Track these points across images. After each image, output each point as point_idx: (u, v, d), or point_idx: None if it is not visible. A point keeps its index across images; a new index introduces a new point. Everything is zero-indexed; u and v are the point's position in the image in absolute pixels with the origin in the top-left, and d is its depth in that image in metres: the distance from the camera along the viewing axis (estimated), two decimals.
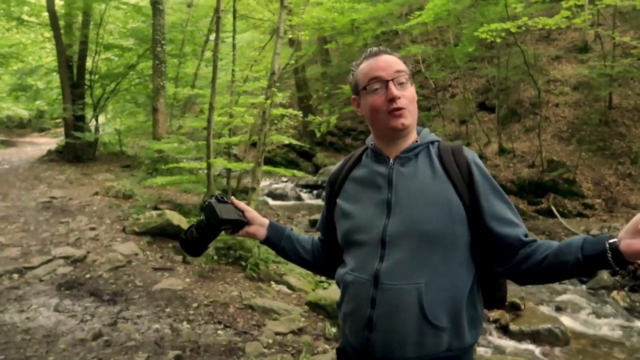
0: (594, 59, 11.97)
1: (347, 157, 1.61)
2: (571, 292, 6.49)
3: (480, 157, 11.93)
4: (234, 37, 9.47)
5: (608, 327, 5.55)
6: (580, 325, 5.63)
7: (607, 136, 10.77)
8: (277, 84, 7.05)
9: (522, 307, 5.59)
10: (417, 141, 1.46)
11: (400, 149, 1.44)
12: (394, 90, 1.38)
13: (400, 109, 1.38)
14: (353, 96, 1.54)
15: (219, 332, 4.03)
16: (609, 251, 1.15)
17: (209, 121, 6.98)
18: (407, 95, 1.41)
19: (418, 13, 10.73)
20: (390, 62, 1.42)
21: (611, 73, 10.77)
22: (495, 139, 12.07)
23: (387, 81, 1.40)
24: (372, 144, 1.51)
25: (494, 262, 1.39)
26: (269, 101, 6.30)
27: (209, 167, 7.01)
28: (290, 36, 9.28)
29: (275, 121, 7.53)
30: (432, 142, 1.47)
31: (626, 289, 6.32)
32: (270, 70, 6.47)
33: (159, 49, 11.17)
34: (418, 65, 14.48)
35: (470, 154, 1.44)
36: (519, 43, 11.19)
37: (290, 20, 8.08)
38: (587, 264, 1.19)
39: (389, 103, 1.39)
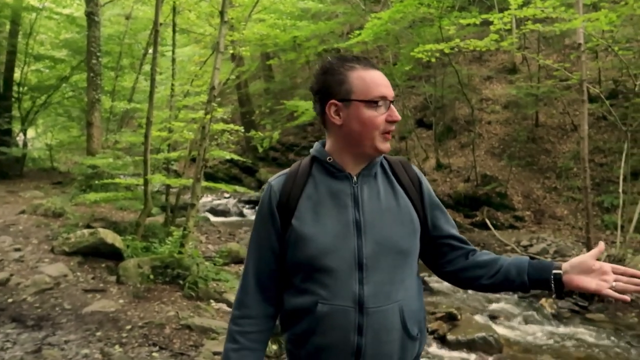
0: (522, 80, 12.74)
1: (291, 173, 1.43)
2: (504, 301, 6.77)
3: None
4: (173, 51, 9.31)
5: (537, 334, 5.82)
6: (513, 332, 5.87)
7: (534, 152, 11.43)
8: (219, 99, 6.99)
9: (459, 317, 5.76)
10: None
11: (362, 167, 1.40)
12: (397, 113, 1.37)
13: (390, 132, 1.38)
14: (332, 101, 1.36)
15: (154, 354, 3.88)
16: (552, 281, 1.32)
17: (146, 136, 6.79)
18: None
19: (358, 32, 11.01)
20: (388, 82, 1.38)
21: (537, 93, 11.49)
22: (433, 154, 12.50)
23: (390, 102, 1.36)
24: (330, 159, 1.39)
25: (442, 262, 1.50)
26: (208, 116, 6.21)
27: (146, 183, 6.79)
28: (231, 51, 9.25)
29: (216, 136, 7.43)
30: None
31: (553, 296, 6.66)
32: (210, 85, 6.40)
33: (94, 61, 10.77)
34: None
35: (416, 168, 1.52)
36: (454, 63, 11.72)
37: (231, 36, 8.05)
38: (531, 286, 1.36)
39: (387, 124, 1.35)
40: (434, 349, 5.32)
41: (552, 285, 1.31)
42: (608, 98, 9.46)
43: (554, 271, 1.32)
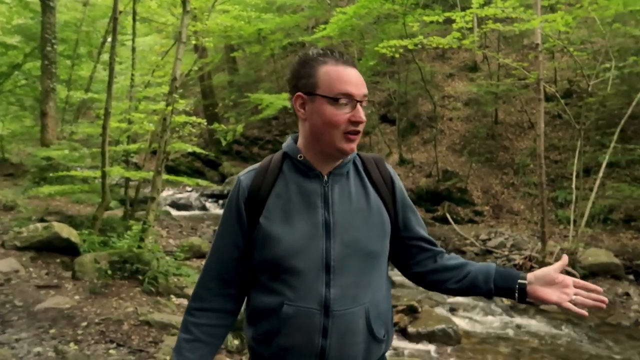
0: (482, 78, 13.05)
1: (261, 169, 1.37)
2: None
3: None
4: (133, 40, 9.04)
5: (494, 325, 6.01)
6: (471, 324, 6.03)
7: (493, 149, 11.74)
8: (181, 91, 6.84)
9: (420, 309, 5.87)
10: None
11: (333, 165, 1.35)
12: (362, 114, 1.30)
13: (357, 132, 1.31)
14: (298, 93, 1.32)
15: (111, 351, 3.77)
16: (516, 291, 1.37)
17: (104, 127, 6.57)
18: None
19: (323, 26, 10.99)
20: (361, 81, 1.32)
21: (496, 91, 11.80)
22: (396, 150, 12.65)
23: (357, 101, 1.29)
24: (300, 157, 1.34)
25: (411, 264, 1.51)
26: (170, 107, 6.07)
27: (103, 175, 6.58)
28: (194, 42, 9.06)
29: (178, 129, 7.28)
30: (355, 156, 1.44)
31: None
32: (172, 76, 6.25)
33: (48, 48, 10.35)
34: None
35: (389, 166, 1.48)
36: (417, 60, 11.87)
37: (193, 26, 7.88)
38: (496, 294, 1.41)
39: (350, 124, 1.28)
40: (395, 341, 5.40)
41: (516, 294, 1.36)
42: (563, 97, 9.82)
43: (519, 281, 1.36)
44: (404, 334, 5.51)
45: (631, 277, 7.38)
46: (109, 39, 10.56)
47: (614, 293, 6.76)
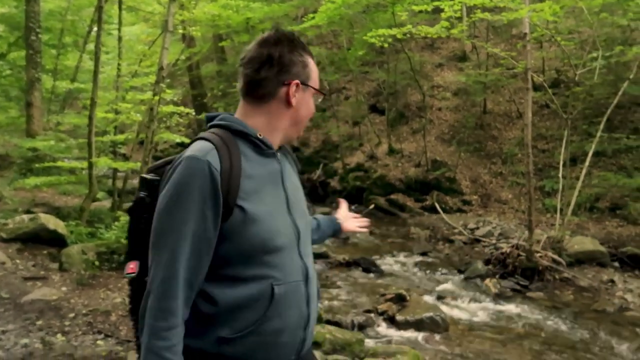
0: (471, 68, 13.06)
1: (222, 148, 1.25)
2: (451, 282, 7.00)
3: (372, 156, 12.45)
4: (119, 30, 8.94)
5: (481, 312, 6.07)
6: (459, 311, 6.09)
7: (482, 138, 11.80)
8: (168, 81, 6.78)
9: (408, 298, 5.91)
10: None
11: (278, 146, 1.41)
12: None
13: None
14: (296, 81, 1.33)
15: (99, 342, 3.76)
16: (338, 230, 1.84)
17: (90, 118, 6.52)
18: None
19: (312, 15, 10.92)
20: None
21: (485, 81, 11.83)
22: (386, 139, 12.67)
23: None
24: (260, 135, 1.32)
25: None
26: (157, 97, 6.03)
27: (90, 166, 6.54)
28: (181, 31, 8.97)
29: (165, 119, 7.23)
30: None
31: (497, 276, 6.95)
32: (159, 66, 6.20)
33: (33, 37, 10.19)
34: None
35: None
36: (406, 50, 11.86)
37: (181, 15, 7.79)
38: (331, 236, 1.86)
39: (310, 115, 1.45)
40: (383, 329, 5.45)
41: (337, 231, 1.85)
42: (551, 87, 9.87)
43: (337, 222, 1.85)
44: (392, 322, 5.55)
45: (616, 264, 7.49)
46: (95, 28, 10.44)
47: (599, 280, 6.87)
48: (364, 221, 1.94)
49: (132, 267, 1.35)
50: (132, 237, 1.39)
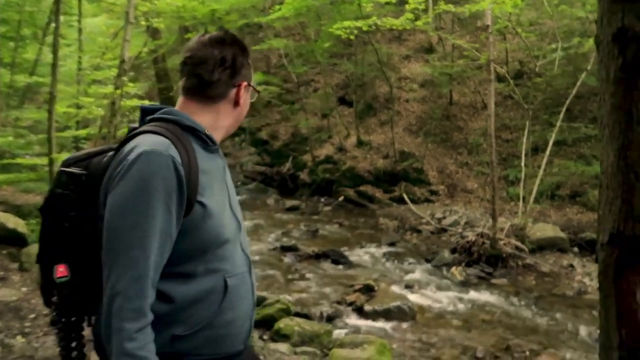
0: (437, 59, 13.23)
1: (178, 143, 1.23)
2: (419, 271, 7.13)
3: (341, 149, 12.47)
4: (79, 21, 8.68)
5: (448, 300, 6.21)
6: (426, 300, 6.22)
7: (448, 129, 11.99)
8: (132, 74, 6.65)
9: (376, 288, 6.00)
10: None
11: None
12: None
13: None
14: (245, 83, 1.39)
15: None
16: None
17: (50, 112, 6.32)
18: None
19: (279, 7, 10.85)
20: None
21: (451, 72, 12.00)
22: (354, 131, 12.73)
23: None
24: (208, 132, 1.33)
25: None
26: (118, 91, 5.91)
27: (51, 163, 6.35)
28: (144, 23, 8.78)
29: (128, 113, 7.08)
30: None
31: (463, 264, 7.12)
32: (120, 58, 6.06)
33: None
34: (281, 60, 14.66)
35: None
36: (373, 42, 11.91)
37: (143, 6, 7.63)
38: None
39: None
40: (352, 319, 5.53)
41: None
42: (514, 78, 10.10)
43: None
44: (361, 312, 5.63)
45: (576, 249, 7.77)
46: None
47: (559, 265, 7.11)
48: None
49: (62, 270, 1.26)
50: (54, 238, 1.28)
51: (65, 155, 6.84)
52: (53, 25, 10.83)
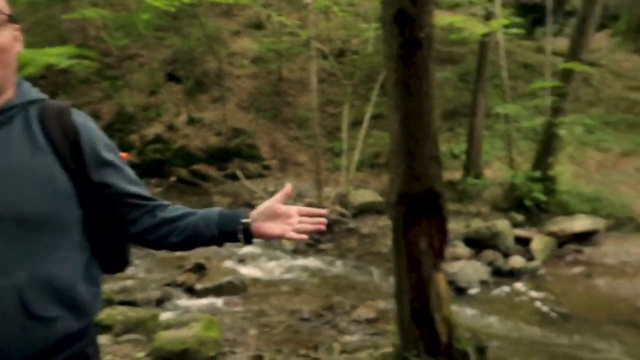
0: (266, 36, 13.37)
1: None
2: (251, 245, 7.29)
3: (171, 127, 12.01)
4: None
5: (279, 269, 6.49)
6: (258, 271, 6.42)
7: (278, 105, 12.29)
8: None
9: (207, 266, 5.98)
10: (13, 100, 1.17)
11: None
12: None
13: None
14: None
15: None
16: (240, 232, 1.30)
17: None
18: None
19: None
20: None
21: (278, 49, 12.25)
22: (185, 109, 12.31)
23: None
24: None
25: (126, 225, 1.32)
26: None
27: None
28: None
29: None
30: (34, 102, 1.21)
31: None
32: None
33: None
34: (100, 32, 13.40)
35: (81, 117, 1.27)
36: (201, 16, 11.54)
37: None
38: (221, 239, 1.32)
39: None
40: (182, 301, 5.46)
41: (241, 235, 1.30)
42: (338, 56, 10.73)
43: (242, 220, 1.31)
44: (192, 292, 5.59)
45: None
46: None
47: (377, 227, 7.88)
48: (314, 224, 1.35)
49: None
50: None
51: None
52: None
